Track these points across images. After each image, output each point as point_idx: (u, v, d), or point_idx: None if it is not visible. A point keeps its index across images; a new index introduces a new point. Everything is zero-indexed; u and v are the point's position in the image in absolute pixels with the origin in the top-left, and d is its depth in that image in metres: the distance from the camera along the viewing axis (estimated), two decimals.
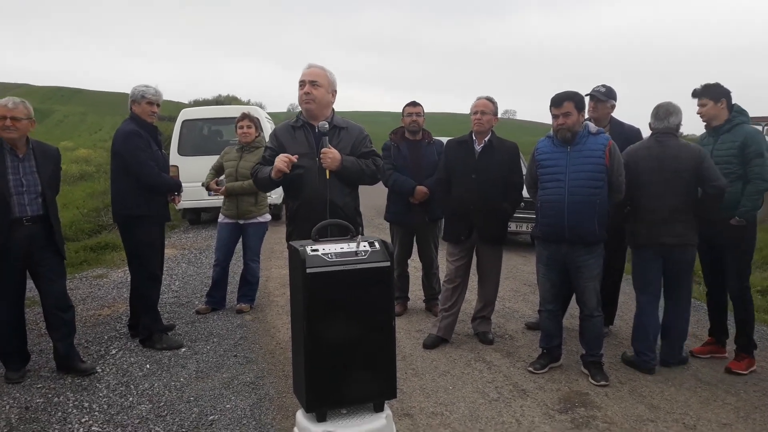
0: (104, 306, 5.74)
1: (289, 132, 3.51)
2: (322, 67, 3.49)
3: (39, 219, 3.91)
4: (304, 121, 3.49)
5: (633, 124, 4.81)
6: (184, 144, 10.42)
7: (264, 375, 4.09)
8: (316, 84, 3.41)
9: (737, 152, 4.10)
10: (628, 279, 6.88)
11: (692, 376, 4.15)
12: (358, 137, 3.52)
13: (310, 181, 3.35)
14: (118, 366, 4.24)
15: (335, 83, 3.54)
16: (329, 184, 3.28)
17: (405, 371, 4.12)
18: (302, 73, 3.46)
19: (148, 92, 4.50)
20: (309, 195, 3.35)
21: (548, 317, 4.21)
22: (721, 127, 4.21)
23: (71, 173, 16.34)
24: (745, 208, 4.07)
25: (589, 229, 3.89)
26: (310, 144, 3.41)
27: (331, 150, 3.28)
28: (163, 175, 4.56)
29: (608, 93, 4.66)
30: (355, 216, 3.48)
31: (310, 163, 3.35)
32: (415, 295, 5.78)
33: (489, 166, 4.50)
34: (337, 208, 3.30)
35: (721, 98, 4.19)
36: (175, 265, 7.55)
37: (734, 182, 4.08)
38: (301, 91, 3.43)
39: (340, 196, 3.37)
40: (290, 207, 3.53)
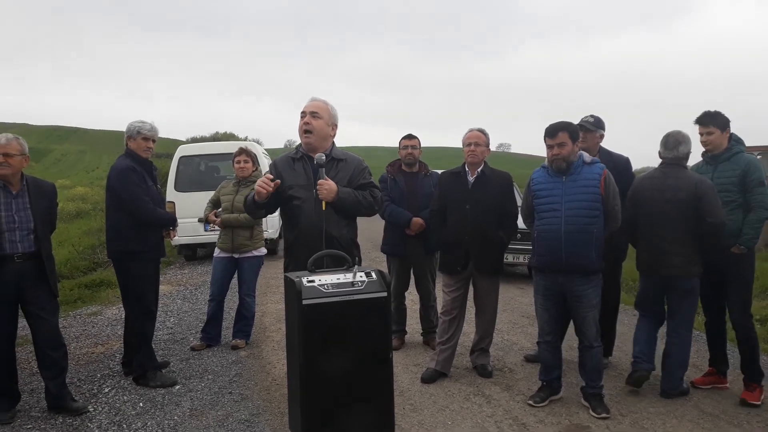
0: (98, 344, 5.67)
1: (289, 163, 3.55)
2: (324, 100, 3.54)
3: (31, 256, 3.87)
4: (303, 153, 3.52)
5: (622, 153, 4.84)
6: (181, 180, 10.44)
7: (259, 412, 4.01)
8: (316, 115, 3.46)
9: (738, 180, 4.10)
10: (626, 310, 6.89)
11: (694, 407, 4.08)
12: (356, 169, 3.54)
13: (306, 212, 3.36)
14: (110, 405, 4.16)
15: (336, 117, 3.58)
16: (325, 216, 3.28)
17: (403, 406, 4.05)
18: (304, 105, 3.51)
19: (144, 128, 4.52)
20: (305, 226, 3.36)
21: (547, 349, 4.16)
22: (721, 155, 4.22)
23: (67, 211, 16.33)
24: (747, 236, 4.06)
25: (587, 258, 3.88)
26: (307, 175, 3.43)
27: (327, 181, 3.30)
28: (157, 210, 4.55)
29: (597, 123, 4.71)
30: (352, 247, 3.46)
31: (307, 195, 3.37)
32: (413, 329, 5.72)
33: (482, 196, 4.51)
34: (333, 239, 3.30)
35: (726, 127, 4.20)
36: (170, 301, 7.48)
37: (734, 210, 4.09)
38: (301, 122, 3.47)
39: (337, 227, 3.37)
40: (287, 238, 3.54)
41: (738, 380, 4.47)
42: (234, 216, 5.39)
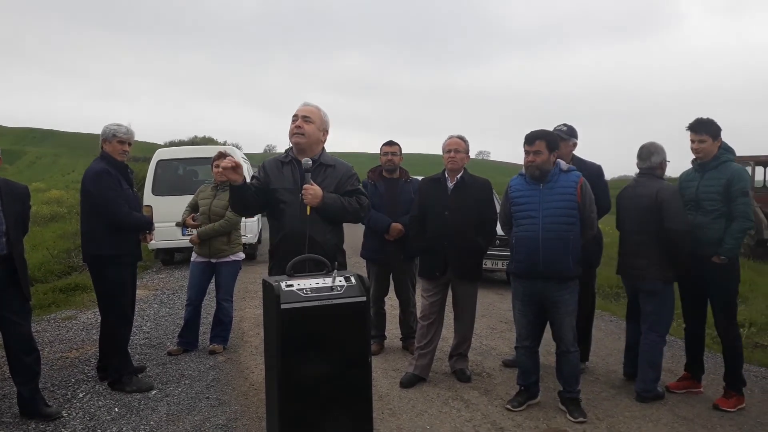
0: (72, 348, 5.58)
1: (277, 166, 3.55)
2: (317, 105, 3.56)
3: (2, 259, 3.79)
4: (292, 157, 3.53)
5: (594, 161, 4.90)
6: (158, 184, 10.34)
7: (237, 417, 3.98)
8: (308, 119, 3.46)
9: (722, 190, 4.11)
10: (602, 315, 6.98)
11: (669, 411, 4.14)
12: (344, 175, 3.54)
13: (291, 215, 3.37)
14: (85, 410, 4.10)
15: (328, 123, 3.60)
16: (310, 220, 3.28)
17: (382, 411, 4.05)
18: (297, 109, 3.52)
19: (119, 131, 4.47)
20: (289, 230, 3.37)
21: (525, 354, 4.19)
22: (709, 163, 4.22)
23: (42, 214, 16.08)
24: (728, 245, 4.07)
25: (564, 265, 3.92)
26: (294, 179, 3.44)
27: (313, 186, 3.30)
28: (133, 213, 4.50)
29: (570, 132, 4.78)
30: (336, 253, 3.46)
31: (293, 198, 3.38)
32: (392, 334, 5.72)
33: (462, 202, 4.53)
34: (316, 245, 3.30)
35: (718, 136, 4.22)
36: (147, 305, 7.40)
37: (717, 219, 4.12)
38: (293, 125, 3.47)
39: (321, 232, 3.37)
40: (272, 241, 3.54)
41: (712, 385, 4.55)
42: (210, 227, 5.35)
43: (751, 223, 4.10)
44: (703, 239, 4.17)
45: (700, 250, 4.18)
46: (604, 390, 4.53)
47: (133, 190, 4.69)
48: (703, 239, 4.16)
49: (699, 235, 4.19)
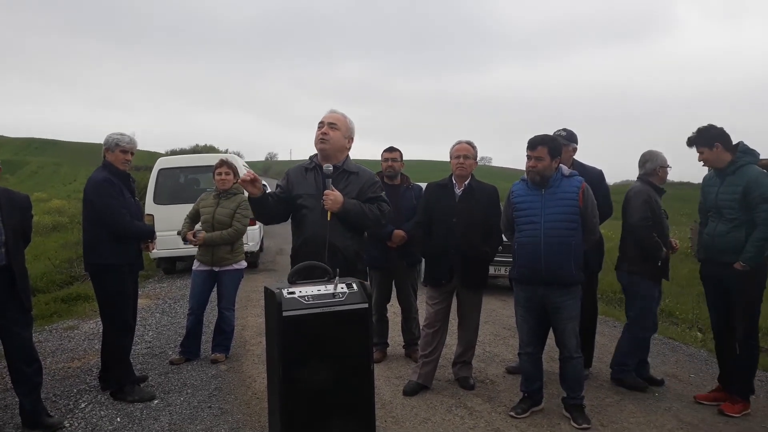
0: (74, 358, 5.57)
1: (301, 173, 3.60)
2: (343, 113, 3.60)
3: (1, 270, 3.77)
4: (316, 163, 3.57)
5: (595, 166, 4.90)
6: (160, 192, 10.33)
7: (239, 427, 3.96)
8: (334, 126, 3.51)
9: (740, 197, 4.00)
10: (606, 321, 6.95)
11: (674, 417, 4.12)
12: (366, 182, 3.57)
13: (312, 221, 3.41)
14: (87, 420, 4.08)
15: (353, 131, 3.64)
16: (330, 226, 3.30)
17: (385, 419, 4.03)
18: (323, 116, 3.57)
19: (122, 140, 4.48)
20: (310, 235, 3.41)
21: (528, 360, 4.17)
22: (726, 169, 4.12)
23: (44, 224, 16.09)
24: (748, 254, 3.97)
25: (566, 270, 3.90)
26: (317, 185, 3.48)
27: (333, 192, 3.33)
28: (135, 222, 4.50)
29: (569, 137, 4.76)
30: (356, 260, 3.49)
31: (315, 204, 3.42)
32: (395, 341, 5.70)
33: (469, 209, 4.51)
34: (336, 250, 3.32)
35: (713, 142, 4.13)
36: (149, 315, 7.38)
37: (737, 228, 4.02)
38: (318, 132, 3.51)
39: (342, 238, 3.39)
40: (293, 246, 3.57)
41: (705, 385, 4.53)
42: (218, 234, 5.32)
43: None
44: (722, 247, 4.11)
45: (721, 258, 4.12)
46: (609, 396, 4.51)
47: (135, 199, 4.70)
48: (723, 247, 4.10)
49: (719, 243, 4.14)
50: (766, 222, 3.92)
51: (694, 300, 7.96)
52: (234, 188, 5.53)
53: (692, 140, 4.25)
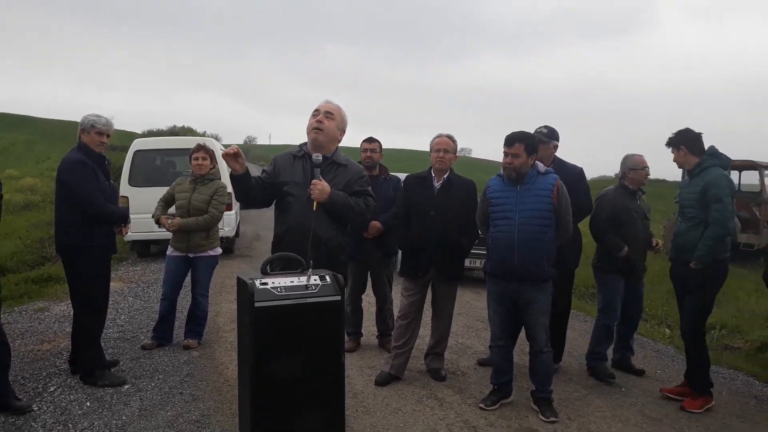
0: (44, 341, 5.50)
1: (289, 160, 3.58)
2: (338, 105, 3.58)
3: None
4: (305, 152, 3.55)
5: (576, 164, 4.95)
6: (135, 174, 10.19)
7: (210, 413, 3.97)
8: (330, 116, 3.49)
9: (698, 197, 4.16)
10: (578, 315, 7.06)
11: (639, 412, 4.22)
12: (354, 176, 3.57)
13: (297, 209, 3.39)
14: (56, 404, 4.05)
15: (346, 123, 3.63)
16: (315, 216, 3.28)
17: (356, 408, 4.06)
18: (319, 105, 3.54)
19: (98, 122, 4.42)
20: (294, 223, 3.38)
21: (499, 353, 4.23)
22: (693, 170, 4.30)
23: (15, 202, 15.80)
24: (699, 252, 4.12)
25: (538, 266, 3.96)
26: (305, 173, 3.46)
27: (321, 182, 3.32)
28: (109, 205, 4.45)
29: (550, 134, 4.80)
30: (338, 252, 3.49)
31: (301, 192, 3.40)
32: (369, 331, 5.73)
33: (447, 203, 4.53)
34: (320, 241, 3.31)
35: (679, 145, 4.32)
36: (122, 298, 7.31)
37: (696, 226, 4.18)
38: (313, 119, 3.48)
39: (326, 229, 3.38)
40: (276, 233, 3.53)
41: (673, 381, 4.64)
42: (193, 220, 5.27)
43: (725, 230, 4.10)
44: (681, 245, 4.30)
45: (682, 256, 4.30)
46: (576, 390, 4.60)
47: (110, 182, 4.64)
48: (682, 245, 4.29)
49: (679, 242, 4.34)
50: (717, 221, 4.08)
51: (663, 297, 8.12)
52: (211, 174, 5.48)
53: (668, 141, 4.43)
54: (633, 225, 4.87)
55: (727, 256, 4.24)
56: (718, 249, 4.15)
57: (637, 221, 4.88)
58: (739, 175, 14.11)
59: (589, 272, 5.30)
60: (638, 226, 4.89)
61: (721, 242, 4.15)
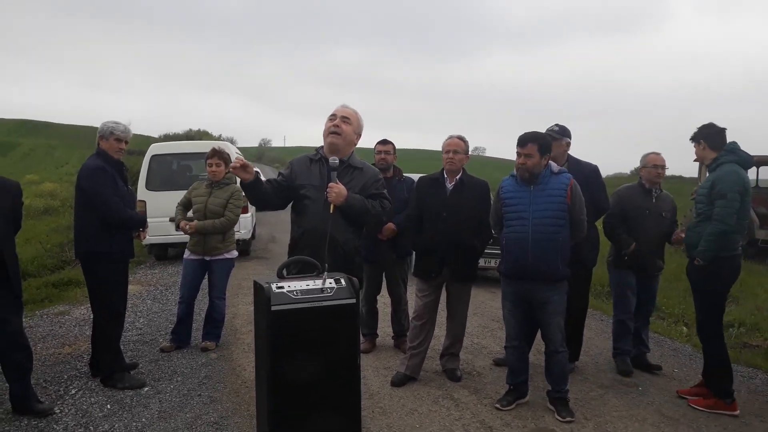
0: (65, 344, 5.59)
1: (306, 164, 3.62)
2: (354, 110, 3.63)
3: None
4: (321, 155, 3.58)
5: (591, 162, 4.92)
6: (152, 179, 10.32)
7: (228, 415, 4.01)
8: (347, 121, 3.53)
9: (707, 192, 4.14)
10: (593, 314, 7.03)
11: (656, 411, 4.20)
12: (370, 179, 3.60)
13: (314, 212, 3.43)
14: (77, 406, 4.12)
15: (362, 128, 3.67)
16: (332, 219, 3.32)
17: (372, 409, 4.09)
18: (335, 109, 3.59)
19: (117, 129, 4.49)
20: (311, 226, 3.42)
21: (514, 353, 4.24)
22: (710, 166, 4.27)
23: (35, 207, 16.02)
24: (701, 248, 4.10)
25: (553, 266, 3.95)
26: (321, 177, 3.50)
27: (338, 185, 3.36)
28: (127, 211, 4.51)
29: (562, 131, 4.79)
30: (354, 255, 3.52)
31: (318, 195, 3.44)
32: (384, 332, 5.76)
33: (460, 204, 4.54)
34: (336, 243, 3.35)
35: (699, 139, 4.30)
36: (140, 301, 7.40)
37: (702, 222, 4.15)
38: (330, 124, 3.52)
39: (343, 232, 3.42)
40: (292, 237, 3.58)
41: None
42: (210, 222, 5.33)
43: (726, 226, 4.00)
44: (689, 242, 4.31)
45: (689, 252, 4.30)
46: (593, 390, 4.59)
47: (128, 188, 4.71)
48: (689, 242, 4.30)
49: (688, 238, 4.34)
50: (719, 217, 4.02)
51: (681, 295, 8.05)
52: (226, 178, 5.54)
53: (692, 136, 4.40)
54: (642, 222, 4.89)
55: (736, 253, 4.16)
56: (721, 246, 4.06)
57: (647, 219, 4.87)
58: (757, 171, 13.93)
59: (602, 270, 5.31)
60: (648, 223, 4.89)
61: (723, 239, 4.04)
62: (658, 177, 4.94)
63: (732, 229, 4.05)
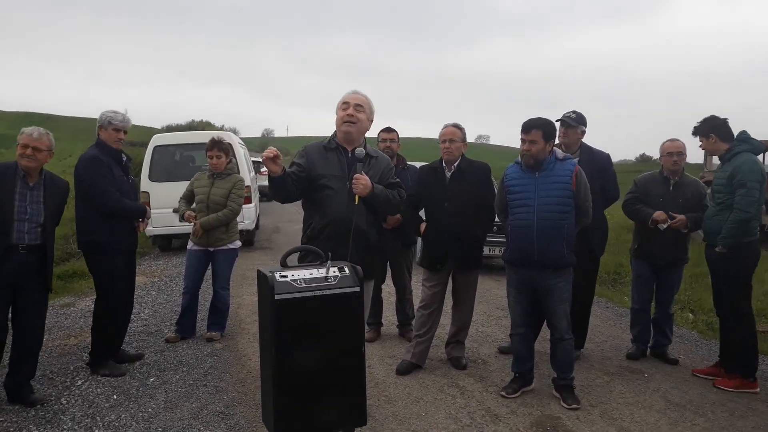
0: (71, 335, 5.61)
1: (321, 152, 3.48)
2: (366, 95, 3.52)
3: (35, 248, 3.90)
4: (337, 144, 3.48)
5: (602, 150, 4.86)
6: (155, 170, 10.30)
7: (234, 404, 4.02)
8: (360, 108, 3.44)
9: (726, 182, 4.21)
10: (598, 302, 7.01)
11: (662, 398, 4.19)
12: (386, 168, 3.56)
13: (338, 203, 3.34)
14: (84, 397, 4.14)
15: (374, 114, 3.57)
16: (357, 210, 3.29)
17: (378, 398, 4.09)
18: (346, 96, 3.47)
19: (115, 118, 4.48)
20: (336, 217, 3.33)
21: (519, 341, 4.23)
22: (724, 156, 4.34)
23: None
24: (722, 236, 4.18)
25: (558, 253, 3.93)
26: (342, 167, 3.41)
27: (364, 176, 3.30)
28: (124, 201, 4.49)
29: (578, 119, 4.72)
30: (378, 245, 3.52)
31: (340, 186, 3.36)
32: (389, 321, 5.76)
33: (460, 192, 4.51)
34: (362, 234, 3.33)
35: (709, 133, 4.35)
36: (145, 292, 7.42)
37: (722, 211, 4.22)
38: (344, 113, 3.42)
39: (366, 222, 3.39)
40: (314, 226, 3.41)
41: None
42: (214, 217, 5.30)
43: (747, 215, 4.11)
44: (708, 230, 4.37)
45: (710, 240, 4.37)
46: (599, 377, 4.58)
47: (129, 178, 4.68)
48: (709, 230, 4.36)
49: (707, 226, 4.41)
50: (740, 206, 4.11)
51: (686, 281, 8.03)
52: (228, 168, 5.51)
53: (695, 130, 4.45)
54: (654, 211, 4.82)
55: (755, 238, 4.26)
56: (742, 232, 4.17)
57: (659, 207, 4.79)
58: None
59: (612, 259, 5.29)
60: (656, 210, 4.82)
61: (745, 226, 4.16)
62: (674, 165, 4.81)
63: (751, 217, 4.15)
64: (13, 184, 3.82)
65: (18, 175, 3.85)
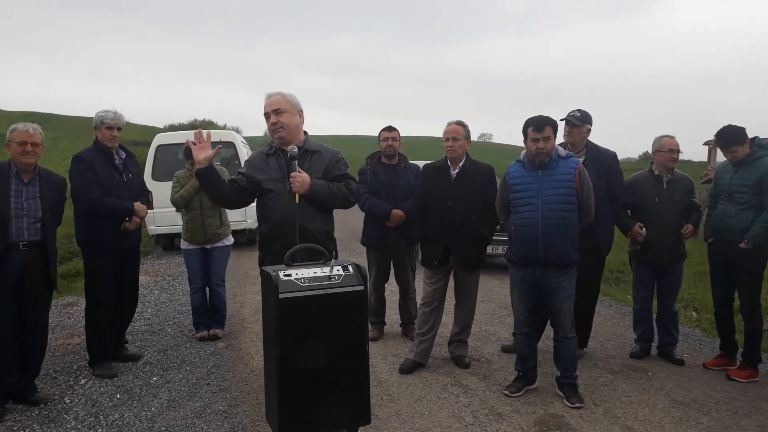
0: (74, 335, 5.62)
1: (262, 159, 3.52)
2: (279, 92, 3.48)
3: (36, 245, 3.90)
4: (276, 148, 3.50)
5: (609, 148, 4.82)
6: (158, 169, 10.31)
7: (237, 403, 4.02)
8: (280, 111, 3.41)
9: (754, 184, 4.40)
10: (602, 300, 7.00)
11: (666, 396, 4.18)
12: (331, 160, 3.51)
13: (280, 204, 3.35)
14: (87, 396, 4.14)
15: (299, 104, 3.52)
16: (299, 208, 3.27)
17: (381, 397, 4.09)
18: (264, 105, 3.47)
19: (106, 117, 4.51)
20: (279, 219, 3.35)
21: (523, 340, 4.22)
22: (743, 160, 4.48)
23: None
24: (754, 233, 4.34)
25: (563, 251, 3.92)
26: (281, 168, 3.42)
27: (301, 174, 3.28)
28: (106, 199, 4.43)
29: (583, 117, 4.67)
30: (327, 241, 3.44)
31: (280, 187, 3.37)
32: (392, 320, 5.75)
33: (465, 192, 4.50)
34: (307, 232, 3.29)
35: (744, 141, 4.46)
36: (148, 292, 7.42)
37: (746, 210, 4.41)
38: (269, 123, 3.44)
39: (311, 220, 3.36)
40: (261, 231, 3.52)
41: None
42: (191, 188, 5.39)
43: None
44: (731, 227, 4.46)
45: (728, 237, 4.49)
46: (602, 375, 4.57)
47: (126, 176, 4.64)
48: (732, 227, 4.46)
49: (728, 224, 4.49)
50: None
51: (689, 280, 8.01)
52: None
53: (728, 142, 4.50)
54: (652, 211, 4.82)
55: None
56: None
57: (656, 207, 4.78)
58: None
59: (616, 258, 5.28)
60: (659, 212, 4.79)
61: None
62: (672, 162, 4.83)
63: None
64: (7, 182, 3.82)
65: (12, 172, 3.85)
